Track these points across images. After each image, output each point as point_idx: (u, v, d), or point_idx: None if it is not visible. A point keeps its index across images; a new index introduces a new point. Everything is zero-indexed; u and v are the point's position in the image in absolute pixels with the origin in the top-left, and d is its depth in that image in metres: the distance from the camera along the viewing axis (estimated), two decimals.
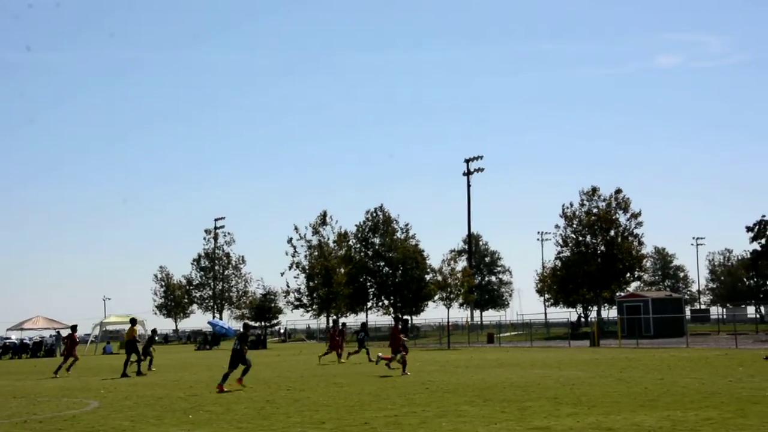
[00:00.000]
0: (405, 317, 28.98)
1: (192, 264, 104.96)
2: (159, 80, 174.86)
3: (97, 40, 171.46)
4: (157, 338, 38.57)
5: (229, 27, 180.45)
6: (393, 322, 27.08)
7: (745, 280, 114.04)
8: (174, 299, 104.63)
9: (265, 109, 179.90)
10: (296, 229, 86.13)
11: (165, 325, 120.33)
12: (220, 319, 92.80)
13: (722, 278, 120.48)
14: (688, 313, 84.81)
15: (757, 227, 61.44)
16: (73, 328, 31.78)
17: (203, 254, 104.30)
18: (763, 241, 61.40)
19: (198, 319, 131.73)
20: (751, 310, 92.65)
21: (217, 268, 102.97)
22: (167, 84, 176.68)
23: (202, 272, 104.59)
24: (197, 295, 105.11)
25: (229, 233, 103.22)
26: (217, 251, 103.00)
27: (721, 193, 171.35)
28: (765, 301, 77.78)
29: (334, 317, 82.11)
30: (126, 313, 70.33)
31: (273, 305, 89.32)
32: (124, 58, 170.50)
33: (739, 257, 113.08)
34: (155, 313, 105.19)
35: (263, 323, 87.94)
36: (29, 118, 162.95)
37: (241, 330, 21.73)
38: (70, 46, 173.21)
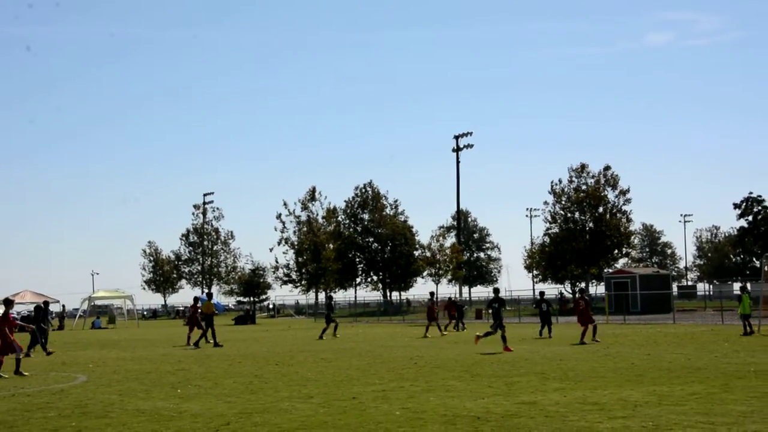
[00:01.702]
0: (582, 288, 29.13)
1: (181, 239, 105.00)
2: (151, 60, 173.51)
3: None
4: (333, 304, 38.72)
5: (219, 8, 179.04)
6: (579, 294, 27.89)
7: (731, 256, 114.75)
8: (162, 274, 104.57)
9: (256, 87, 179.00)
10: (285, 204, 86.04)
11: (154, 300, 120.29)
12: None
13: (709, 255, 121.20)
14: (675, 289, 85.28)
15: (744, 204, 61.76)
16: (195, 299, 32.14)
17: (192, 229, 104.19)
18: (750, 218, 61.70)
19: (187, 295, 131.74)
20: (737, 287, 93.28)
21: (205, 243, 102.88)
22: (159, 63, 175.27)
23: (190, 247, 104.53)
24: (186, 270, 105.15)
25: (217, 208, 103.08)
26: (205, 226, 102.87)
27: (710, 170, 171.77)
28: (751, 277, 78.29)
29: (435, 293, 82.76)
30: (114, 288, 70.42)
31: (262, 281, 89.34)
32: (116, 38, 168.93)
33: (726, 234, 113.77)
34: (144, 288, 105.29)
35: (252, 299, 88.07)
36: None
37: (493, 294, 24.63)
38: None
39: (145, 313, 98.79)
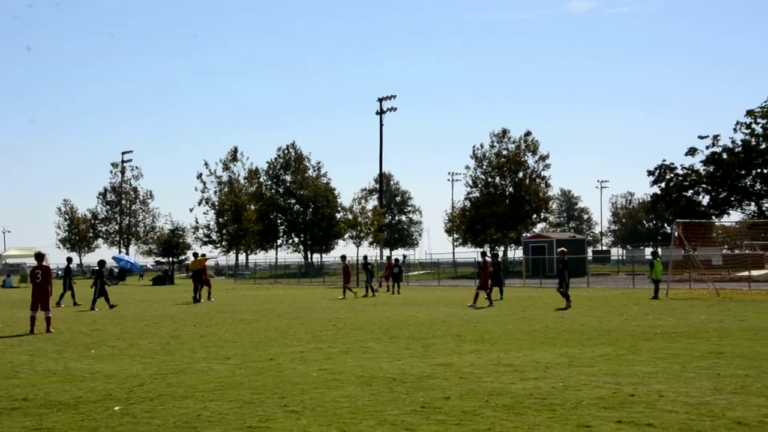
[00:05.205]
0: (494, 253, 30.20)
1: (98, 198, 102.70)
2: (72, 15, 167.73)
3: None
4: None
5: None
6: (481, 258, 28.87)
7: (644, 222, 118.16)
8: (78, 233, 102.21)
9: (175, 43, 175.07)
10: (206, 164, 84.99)
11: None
12: (126, 254, 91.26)
13: (624, 220, 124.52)
14: (590, 254, 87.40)
15: (657, 171, 63.36)
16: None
17: (109, 188, 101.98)
18: (662, 184, 63.42)
19: (104, 254, 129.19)
20: (648, 252, 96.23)
21: (123, 202, 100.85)
22: (78, 18, 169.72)
23: (108, 206, 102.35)
24: (103, 229, 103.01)
25: (136, 167, 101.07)
26: (124, 185, 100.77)
27: (626, 137, 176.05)
28: (663, 242, 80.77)
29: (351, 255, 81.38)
30: (28, 247, 68.58)
31: (181, 241, 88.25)
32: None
33: (640, 200, 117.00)
34: (58, 247, 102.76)
35: (171, 259, 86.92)
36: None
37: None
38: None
39: (59, 272, 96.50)
